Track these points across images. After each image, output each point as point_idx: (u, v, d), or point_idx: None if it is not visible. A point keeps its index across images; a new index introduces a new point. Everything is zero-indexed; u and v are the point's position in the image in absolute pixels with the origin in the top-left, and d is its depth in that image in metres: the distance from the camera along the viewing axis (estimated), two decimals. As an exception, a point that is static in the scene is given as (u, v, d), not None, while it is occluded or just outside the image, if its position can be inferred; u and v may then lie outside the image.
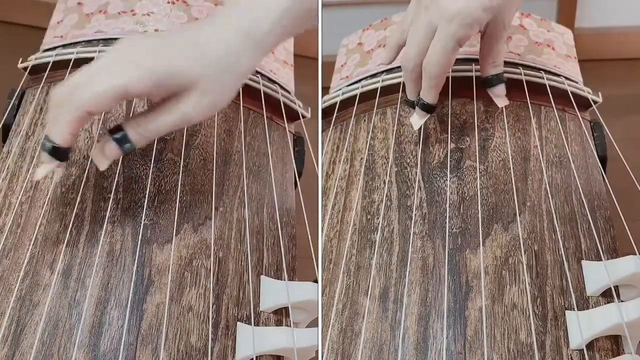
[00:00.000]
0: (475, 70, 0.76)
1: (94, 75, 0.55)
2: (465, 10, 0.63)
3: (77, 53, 0.76)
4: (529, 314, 0.56)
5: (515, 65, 0.79)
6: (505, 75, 0.75)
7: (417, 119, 0.70)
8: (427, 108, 0.68)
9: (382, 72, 0.82)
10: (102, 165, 0.58)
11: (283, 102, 0.77)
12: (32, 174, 0.63)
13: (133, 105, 0.71)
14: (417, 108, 0.69)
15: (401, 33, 0.70)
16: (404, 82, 0.78)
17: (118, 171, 0.65)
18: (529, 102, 0.74)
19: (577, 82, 0.79)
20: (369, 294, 0.60)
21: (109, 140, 0.57)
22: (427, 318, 0.58)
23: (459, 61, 0.79)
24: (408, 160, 0.71)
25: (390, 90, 0.79)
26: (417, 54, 0.66)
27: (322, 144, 0.76)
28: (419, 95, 0.68)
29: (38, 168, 0.58)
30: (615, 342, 0.55)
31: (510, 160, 0.68)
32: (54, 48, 0.79)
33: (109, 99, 0.54)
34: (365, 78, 0.83)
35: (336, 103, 0.80)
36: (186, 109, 0.56)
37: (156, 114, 0.57)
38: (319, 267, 0.62)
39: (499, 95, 0.70)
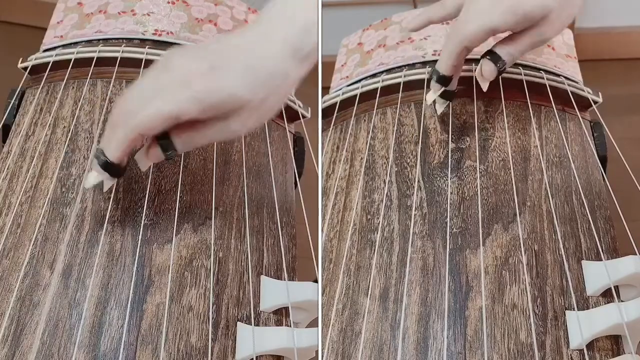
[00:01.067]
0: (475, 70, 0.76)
1: (147, 99, 0.56)
2: (516, 1, 0.63)
3: (77, 53, 0.76)
4: (529, 314, 0.56)
5: (515, 65, 0.79)
6: (505, 75, 0.75)
7: (431, 94, 0.70)
8: (441, 80, 0.68)
9: (382, 72, 0.82)
10: (144, 167, 0.60)
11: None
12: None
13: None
14: (432, 82, 0.69)
15: (440, 9, 0.70)
16: (404, 82, 0.78)
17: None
18: (529, 102, 0.74)
19: (577, 82, 0.79)
20: (369, 294, 0.60)
21: (154, 144, 0.58)
22: (427, 318, 0.58)
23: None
24: (408, 160, 0.71)
25: (390, 90, 0.79)
26: (487, 29, 0.65)
27: (322, 144, 0.76)
28: (452, 72, 0.68)
29: (89, 176, 0.59)
30: (615, 342, 0.55)
31: (511, 160, 0.68)
32: (54, 48, 0.79)
33: (160, 123, 0.56)
34: (365, 78, 0.83)
35: (336, 103, 0.80)
36: (235, 128, 0.57)
37: (206, 129, 0.57)
38: (319, 267, 0.62)
39: (488, 76, 0.68)
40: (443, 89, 0.69)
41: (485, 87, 0.69)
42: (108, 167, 0.58)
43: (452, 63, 0.67)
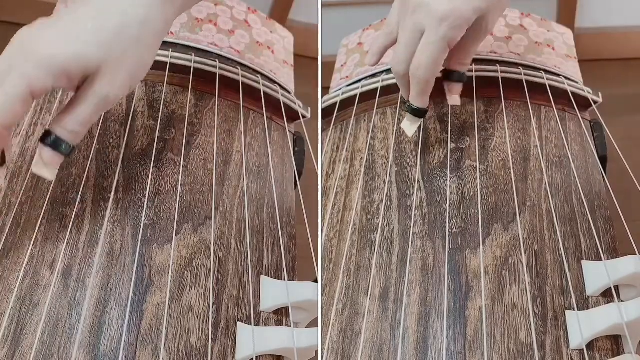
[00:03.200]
0: (475, 70, 0.76)
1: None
2: (456, 12, 0.61)
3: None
4: (529, 314, 0.56)
5: (515, 65, 0.79)
6: (505, 75, 0.75)
7: (408, 125, 0.68)
8: (418, 113, 0.67)
9: (382, 72, 0.82)
10: (49, 176, 0.55)
11: (283, 102, 0.78)
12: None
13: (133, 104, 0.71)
14: (407, 114, 0.68)
15: (386, 36, 0.69)
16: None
17: (118, 171, 0.65)
18: (529, 102, 0.74)
19: (577, 82, 0.79)
20: (369, 294, 0.60)
21: (42, 147, 0.54)
22: (427, 318, 0.58)
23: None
24: (408, 160, 0.71)
25: (390, 90, 0.79)
26: (407, 57, 0.64)
27: (322, 144, 0.76)
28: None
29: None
30: (615, 342, 0.55)
31: (510, 160, 0.68)
32: (54, 48, 0.79)
33: (18, 107, 0.51)
34: (365, 78, 0.83)
35: (336, 103, 0.80)
36: (102, 91, 0.53)
37: (76, 106, 0.54)
38: (319, 267, 0.62)
39: (455, 93, 0.69)
40: (421, 120, 0.68)
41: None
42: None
43: (428, 94, 0.66)
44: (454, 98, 0.69)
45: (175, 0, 0.56)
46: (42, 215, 0.61)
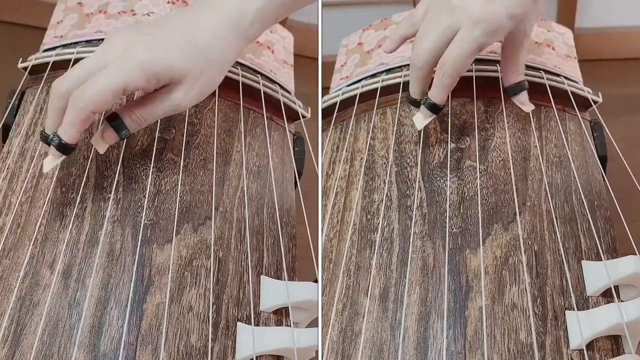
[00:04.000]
0: (476, 70, 0.76)
1: (92, 75, 0.58)
2: (491, 17, 0.63)
3: (77, 53, 0.76)
4: (529, 314, 0.56)
5: (515, 65, 0.79)
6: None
7: (421, 119, 0.68)
8: (435, 109, 0.67)
9: (382, 72, 0.82)
10: (101, 149, 0.62)
11: (283, 102, 0.77)
12: (40, 166, 0.64)
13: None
14: (422, 107, 0.68)
15: (410, 26, 0.70)
16: (404, 82, 0.78)
17: (118, 171, 0.65)
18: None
19: (577, 82, 0.79)
20: (369, 294, 0.60)
21: (107, 126, 0.61)
22: (427, 318, 0.58)
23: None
24: (408, 160, 0.71)
25: (390, 90, 0.79)
26: (430, 51, 0.65)
27: (322, 144, 0.76)
28: (424, 95, 0.67)
29: (46, 161, 0.60)
30: (615, 342, 0.55)
31: (510, 160, 0.68)
32: (54, 48, 0.79)
33: (109, 97, 0.57)
34: (365, 78, 0.83)
35: (336, 103, 0.80)
36: (177, 99, 0.60)
37: (150, 102, 0.60)
38: (319, 267, 0.62)
39: (523, 103, 0.69)
40: (434, 115, 0.68)
41: None
42: (63, 148, 0.59)
43: (449, 91, 0.66)
44: (525, 106, 0.70)
45: (248, 38, 0.63)
46: (42, 215, 0.61)
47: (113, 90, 0.57)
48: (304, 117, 0.79)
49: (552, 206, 0.64)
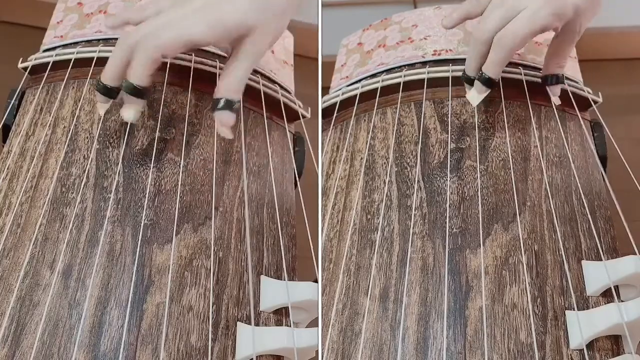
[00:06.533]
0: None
1: (167, 25, 0.61)
2: (559, 2, 0.64)
3: (77, 53, 0.76)
4: (529, 314, 0.56)
5: (515, 65, 0.79)
6: (505, 75, 0.75)
7: (476, 95, 0.69)
8: (490, 83, 0.68)
9: (382, 72, 0.82)
10: (229, 134, 0.64)
11: (283, 102, 0.77)
12: (122, 116, 0.66)
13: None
14: (477, 83, 0.69)
15: (474, 7, 0.71)
16: (404, 82, 0.78)
17: (118, 171, 0.65)
18: (529, 102, 0.74)
19: (577, 82, 0.79)
20: (369, 294, 0.60)
21: (220, 113, 0.63)
22: (427, 318, 0.58)
23: (460, 61, 0.80)
24: (408, 160, 0.71)
25: (390, 90, 0.79)
26: (496, 27, 0.66)
27: (322, 144, 0.76)
28: (478, 71, 0.68)
29: (125, 110, 0.64)
30: (615, 342, 0.55)
31: (510, 160, 0.68)
32: (54, 48, 0.79)
33: (181, 46, 0.62)
34: (365, 78, 0.83)
35: (336, 103, 0.80)
36: (255, 50, 0.63)
37: (234, 68, 0.63)
38: (319, 267, 0.62)
39: (556, 94, 0.72)
40: (489, 90, 0.69)
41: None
42: (138, 92, 0.63)
43: (504, 65, 0.68)
44: (555, 98, 0.72)
45: None
46: (42, 215, 0.61)
47: (185, 40, 0.61)
48: (304, 117, 0.79)
49: (552, 206, 0.64)
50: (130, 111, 0.64)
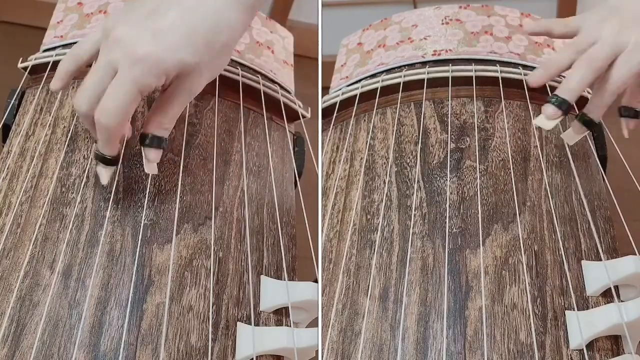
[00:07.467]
0: (475, 70, 0.76)
1: (105, 86, 0.57)
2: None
3: (77, 53, 0.76)
4: (529, 314, 0.56)
5: (515, 65, 0.79)
6: (505, 75, 0.75)
7: (572, 135, 0.66)
8: (591, 125, 0.65)
9: (382, 72, 0.82)
10: (156, 171, 0.62)
11: (283, 102, 0.78)
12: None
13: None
14: (575, 122, 0.65)
15: (564, 26, 0.68)
16: (404, 82, 0.78)
17: (118, 171, 0.65)
18: (529, 102, 0.74)
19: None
20: (369, 294, 0.60)
21: (147, 150, 0.61)
22: (427, 318, 0.58)
23: (459, 61, 0.80)
24: (408, 160, 0.71)
25: (390, 90, 0.79)
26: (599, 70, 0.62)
27: (322, 144, 0.76)
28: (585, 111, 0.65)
29: (102, 174, 0.61)
30: (615, 342, 0.55)
31: (510, 160, 0.68)
32: (54, 48, 0.79)
33: (131, 108, 0.57)
34: (365, 78, 0.83)
35: (336, 103, 0.80)
36: (191, 89, 0.60)
37: (168, 105, 0.60)
38: (319, 267, 0.62)
39: (629, 127, 0.67)
40: (562, 117, 0.64)
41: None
42: (109, 161, 0.60)
43: (582, 90, 0.64)
44: (627, 131, 0.67)
45: (249, 9, 0.60)
46: (42, 215, 0.61)
47: (131, 101, 0.56)
48: (304, 117, 0.79)
49: (552, 206, 0.64)
50: (107, 175, 0.62)
